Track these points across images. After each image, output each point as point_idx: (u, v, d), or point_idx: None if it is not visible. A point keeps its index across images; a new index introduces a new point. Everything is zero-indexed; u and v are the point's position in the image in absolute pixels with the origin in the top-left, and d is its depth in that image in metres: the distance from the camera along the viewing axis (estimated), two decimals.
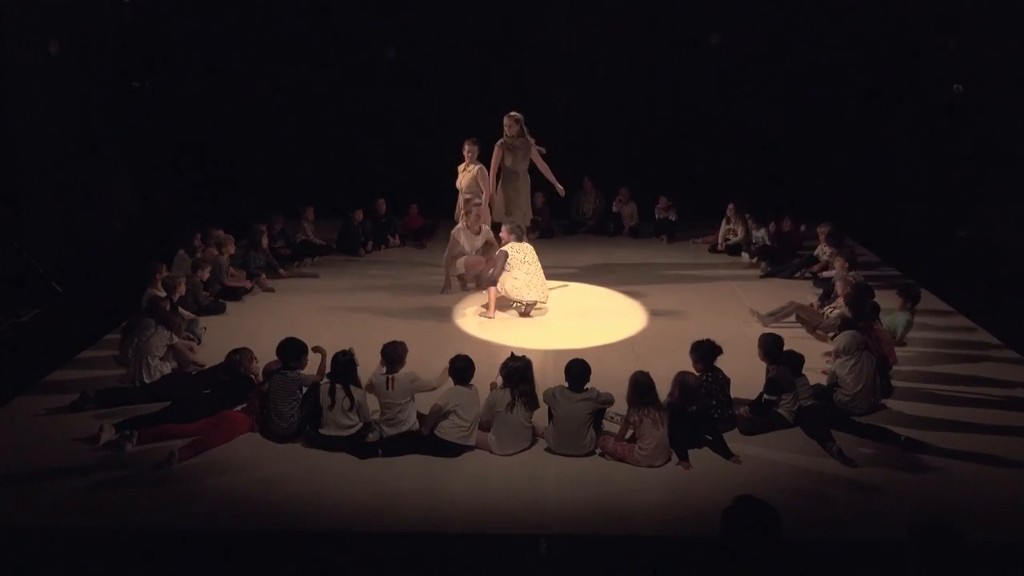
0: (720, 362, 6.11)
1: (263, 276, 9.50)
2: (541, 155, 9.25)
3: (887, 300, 7.66)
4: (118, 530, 4.85)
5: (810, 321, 7.89)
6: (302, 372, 6.10)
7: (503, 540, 4.80)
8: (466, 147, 9.12)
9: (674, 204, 11.95)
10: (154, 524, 4.90)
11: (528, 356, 5.99)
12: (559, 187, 9.42)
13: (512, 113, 9.12)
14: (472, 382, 5.90)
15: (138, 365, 6.66)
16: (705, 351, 6.06)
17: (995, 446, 5.78)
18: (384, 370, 5.87)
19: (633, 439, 5.58)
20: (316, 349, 6.31)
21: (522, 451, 5.73)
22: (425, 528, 4.89)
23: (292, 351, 6.07)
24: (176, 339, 6.90)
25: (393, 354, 5.91)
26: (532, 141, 9.17)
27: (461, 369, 5.87)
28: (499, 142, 9.15)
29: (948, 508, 5.00)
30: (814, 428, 5.87)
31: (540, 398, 5.83)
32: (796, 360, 6.23)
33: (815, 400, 6.13)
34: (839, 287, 7.97)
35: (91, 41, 10.92)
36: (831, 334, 7.32)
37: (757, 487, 5.01)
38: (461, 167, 9.24)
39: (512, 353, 6.04)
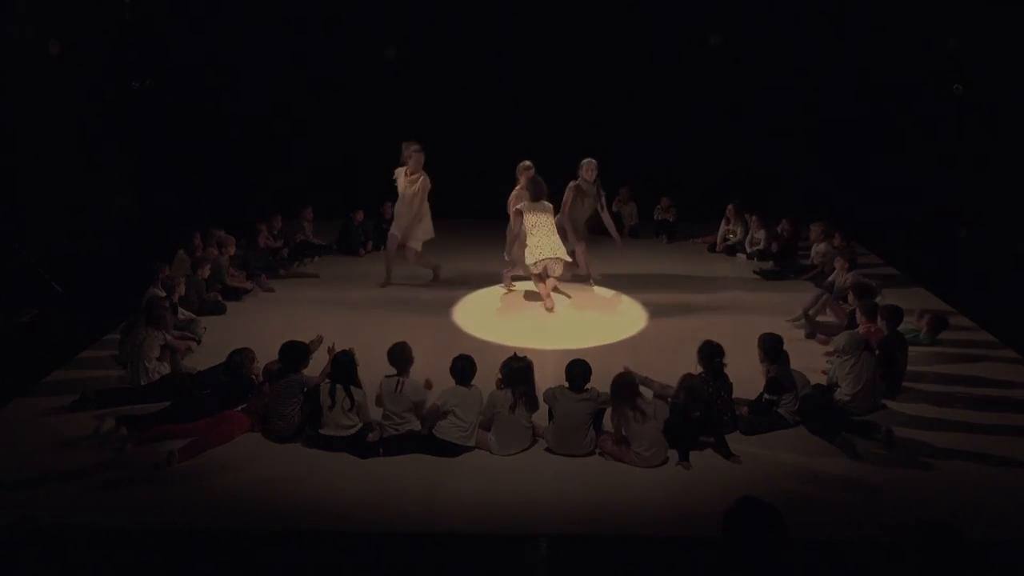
0: None
1: (263, 276, 9.50)
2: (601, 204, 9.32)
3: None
4: (118, 530, 4.85)
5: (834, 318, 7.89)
6: (304, 373, 6.09)
7: (503, 540, 4.80)
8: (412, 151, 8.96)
9: (674, 204, 11.97)
10: (154, 524, 4.89)
11: (529, 356, 5.99)
12: (617, 237, 9.52)
13: (590, 159, 9.15)
14: (473, 383, 5.90)
15: (135, 367, 6.68)
16: (709, 353, 6.04)
17: (995, 446, 5.79)
18: (394, 372, 5.87)
19: (624, 439, 5.57)
20: (317, 341, 6.28)
21: (522, 451, 5.73)
22: (425, 528, 4.88)
23: (294, 354, 6.07)
24: (168, 338, 6.90)
25: (400, 355, 5.91)
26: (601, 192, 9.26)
27: (461, 369, 5.87)
28: (573, 184, 9.15)
29: (948, 508, 5.01)
30: (818, 425, 5.89)
31: (540, 399, 5.83)
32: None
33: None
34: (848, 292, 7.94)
35: (91, 41, 10.92)
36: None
37: (757, 487, 5.02)
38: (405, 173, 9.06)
39: (514, 353, 6.03)
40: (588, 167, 9.09)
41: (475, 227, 11.14)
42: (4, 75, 9.38)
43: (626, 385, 5.65)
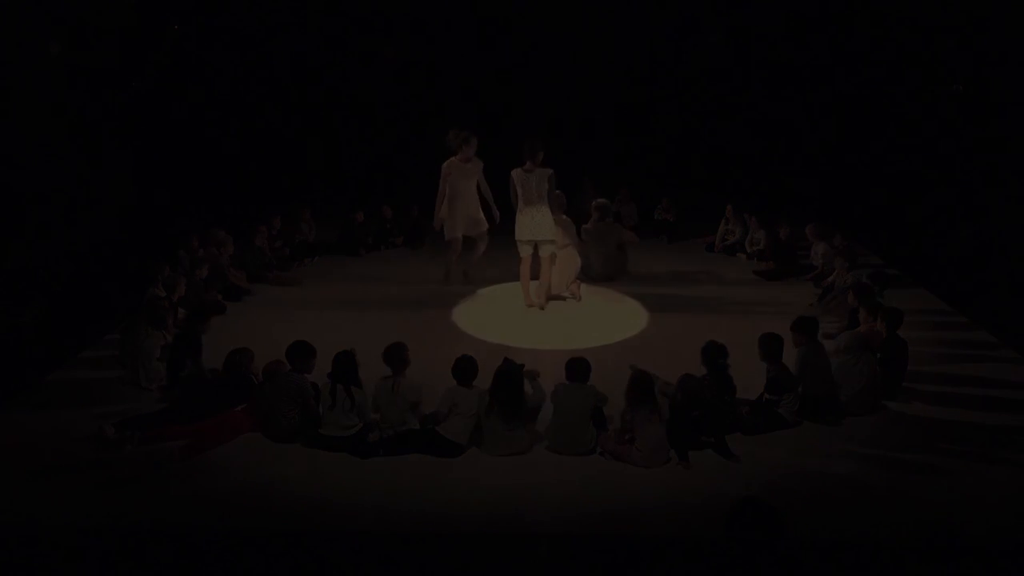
0: None
1: (275, 274, 9.59)
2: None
3: None
4: (118, 530, 4.85)
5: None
6: (308, 377, 6.08)
7: (503, 540, 4.80)
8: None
9: (674, 204, 11.99)
10: (154, 524, 4.90)
11: (527, 358, 5.99)
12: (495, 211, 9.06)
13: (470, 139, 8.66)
14: (475, 383, 5.89)
15: (135, 367, 6.69)
16: (712, 354, 6.02)
17: (995, 446, 5.79)
18: (389, 373, 5.86)
19: (632, 439, 5.57)
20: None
21: (513, 455, 5.68)
22: (425, 528, 4.88)
23: (300, 353, 6.08)
24: (168, 338, 6.88)
25: (395, 356, 5.91)
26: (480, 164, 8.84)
27: (463, 369, 5.87)
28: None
29: (948, 508, 5.01)
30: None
31: (542, 400, 5.83)
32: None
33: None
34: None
35: (91, 41, 10.92)
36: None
37: (757, 487, 5.03)
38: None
39: (505, 357, 6.02)
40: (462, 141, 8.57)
41: None
42: (4, 75, 9.38)
43: (646, 385, 5.64)
